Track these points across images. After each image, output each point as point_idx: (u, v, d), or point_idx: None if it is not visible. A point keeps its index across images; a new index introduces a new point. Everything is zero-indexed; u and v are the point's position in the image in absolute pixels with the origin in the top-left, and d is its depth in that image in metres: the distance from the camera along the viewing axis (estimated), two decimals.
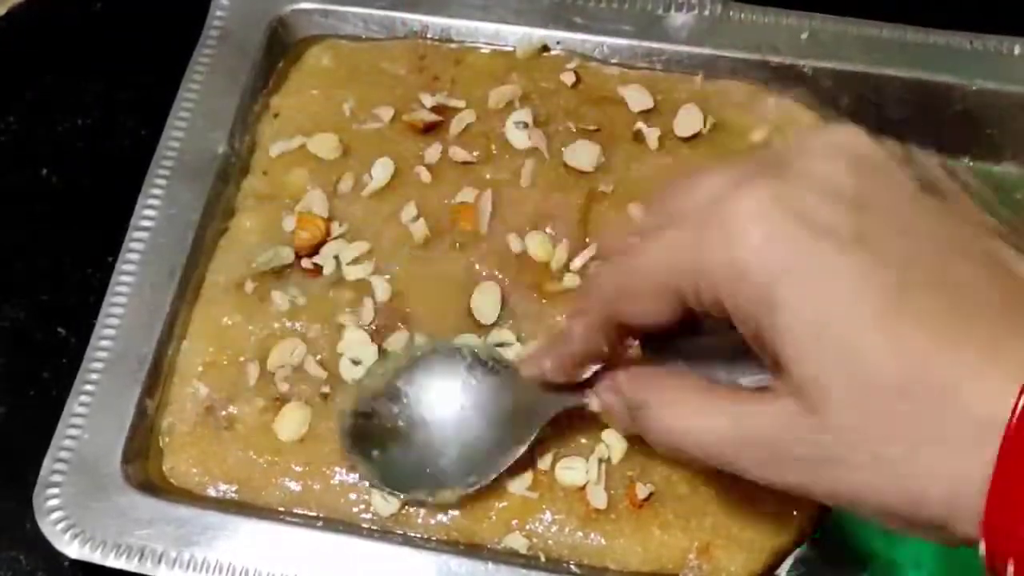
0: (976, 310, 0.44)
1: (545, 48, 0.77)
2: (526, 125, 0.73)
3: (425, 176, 0.72)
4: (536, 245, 0.69)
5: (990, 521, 0.42)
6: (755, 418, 0.49)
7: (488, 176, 0.72)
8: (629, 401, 0.56)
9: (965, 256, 0.46)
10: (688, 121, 0.73)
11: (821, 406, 0.46)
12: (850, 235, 0.46)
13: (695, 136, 0.73)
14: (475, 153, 0.73)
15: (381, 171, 0.72)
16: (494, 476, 0.62)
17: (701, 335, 0.56)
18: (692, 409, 0.52)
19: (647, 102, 0.74)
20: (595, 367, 0.58)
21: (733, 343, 0.51)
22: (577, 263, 0.69)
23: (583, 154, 0.72)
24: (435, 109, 0.74)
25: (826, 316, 0.45)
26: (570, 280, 0.68)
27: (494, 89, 0.75)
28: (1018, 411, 0.41)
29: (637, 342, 0.58)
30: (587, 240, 0.70)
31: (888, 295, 0.45)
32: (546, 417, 0.61)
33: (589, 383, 0.59)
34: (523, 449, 0.62)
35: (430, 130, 0.74)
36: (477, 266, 0.69)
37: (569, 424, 0.64)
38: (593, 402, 0.59)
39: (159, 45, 0.81)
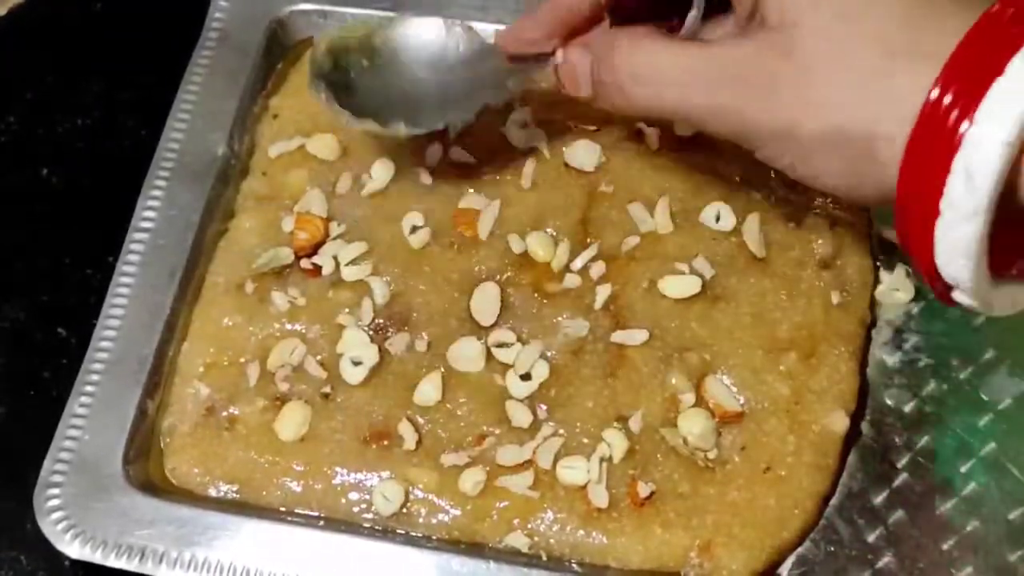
0: None
1: None
2: (526, 124, 0.73)
3: (425, 178, 0.72)
4: (537, 245, 0.69)
5: (910, 148, 0.46)
6: (723, 51, 0.53)
7: (488, 177, 0.72)
8: (595, 49, 0.59)
9: None
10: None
11: (790, 40, 0.50)
12: None
13: (695, 135, 0.73)
14: (475, 154, 0.73)
15: (381, 172, 0.72)
16: (444, 124, 0.68)
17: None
18: (661, 46, 0.55)
19: None
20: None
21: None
22: (578, 263, 0.69)
23: (584, 154, 0.72)
24: None
25: None
26: (571, 280, 0.68)
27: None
28: (958, 51, 0.45)
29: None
30: (588, 240, 0.70)
31: None
32: (512, 81, 0.66)
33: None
34: (478, 108, 0.67)
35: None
36: (477, 267, 0.69)
37: (571, 408, 0.65)
38: (559, 57, 0.62)
39: (159, 45, 0.81)
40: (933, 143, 0.45)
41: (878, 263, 0.70)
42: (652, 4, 0.59)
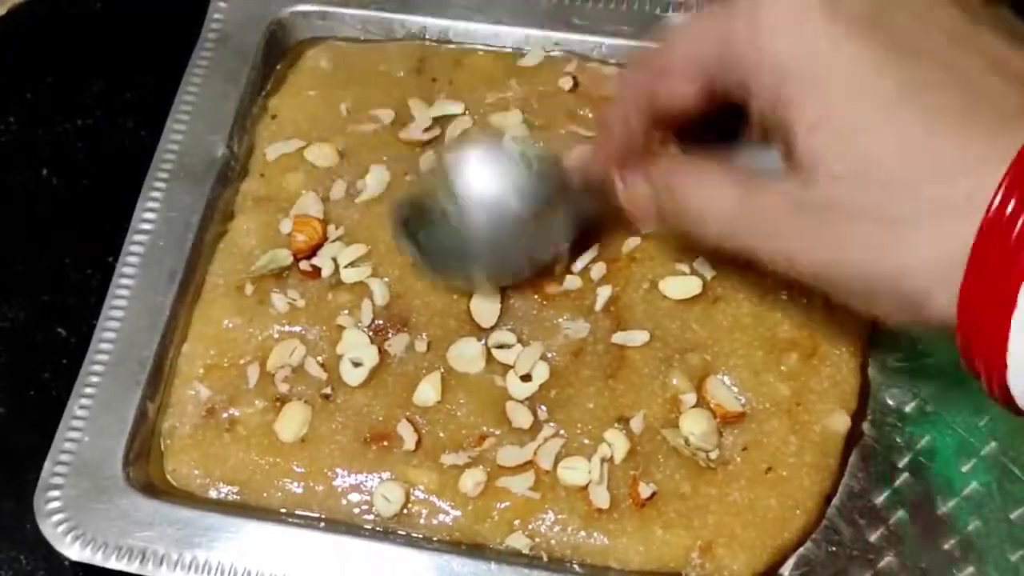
0: (978, 106, 0.47)
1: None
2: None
3: None
4: None
5: (965, 295, 0.45)
6: (763, 190, 0.52)
7: None
8: (656, 184, 0.58)
9: (975, 50, 0.48)
10: None
11: (821, 180, 0.49)
12: (867, 18, 0.49)
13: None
14: None
15: (375, 180, 0.73)
16: (530, 272, 0.67)
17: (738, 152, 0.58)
18: (709, 182, 0.55)
19: None
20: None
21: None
22: (579, 265, 0.69)
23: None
24: (430, 125, 0.74)
25: (836, 97, 0.48)
26: (571, 282, 0.68)
27: (492, 95, 0.75)
28: (1000, 195, 0.44)
29: (675, 149, 0.60)
30: (588, 242, 0.70)
31: (898, 87, 0.47)
32: (583, 214, 0.65)
33: None
34: (559, 249, 0.67)
35: (427, 142, 0.74)
36: None
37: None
38: (620, 188, 0.61)
39: (159, 46, 0.81)
40: (985, 295, 0.45)
41: None
42: (711, 118, 0.58)
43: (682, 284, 0.68)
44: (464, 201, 0.65)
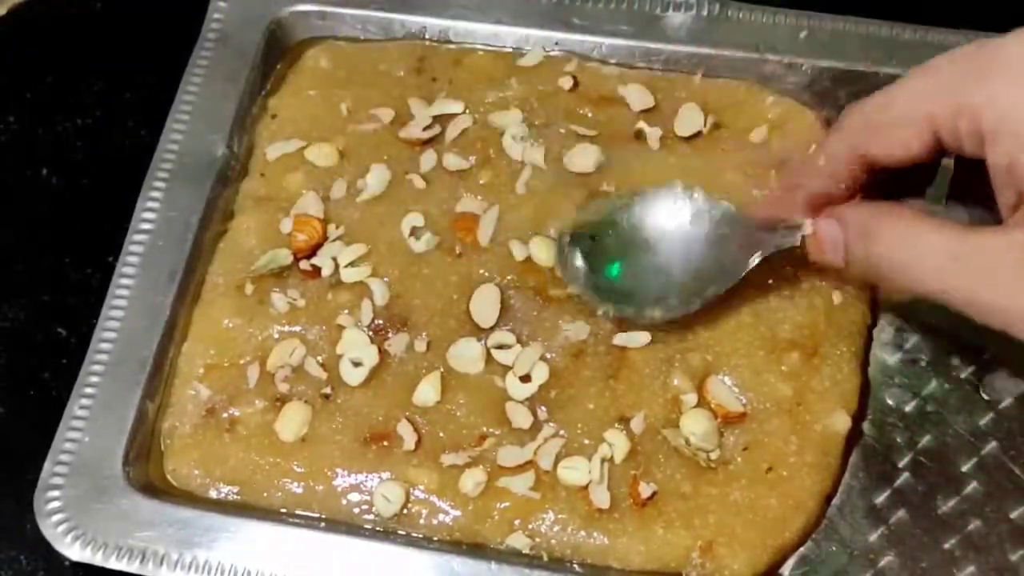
0: None
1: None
2: (523, 138, 0.73)
3: (419, 183, 0.72)
4: (540, 249, 0.69)
5: None
6: (986, 237, 0.53)
7: (484, 181, 0.72)
8: (852, 225, 0.58)
9: None
10: (689, 120, 0.74)
11: None
12: None
13: (695, 135, 0.73)
14: (471, 158, 0.73)
15: (375, 179, 0.73)
16: (700, 305, 0.66)
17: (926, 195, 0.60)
18: (916, 231, 0.55)
19: (648, 101, 0.74)
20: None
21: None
22: None
23: (582, 158, 0.72)
24: (430, 123, 0.75)
25: None
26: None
27: (492, 94, 0.75)
28: None
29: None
30: None
31: None
32: (760, 253, 0.64)
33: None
34: (732, 283, 0.65)
35: (426, 141, 0.74)
36: (479, 270, 0.69)
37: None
38: (808, 227, 0.61)
39: (159, 46, 0.81)
40: None
41: None
42: (903, 177, 0.59)
43: None
44: (631, 234, 0.67)
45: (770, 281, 0.68)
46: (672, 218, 0.66)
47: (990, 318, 0.53)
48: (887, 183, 0.60)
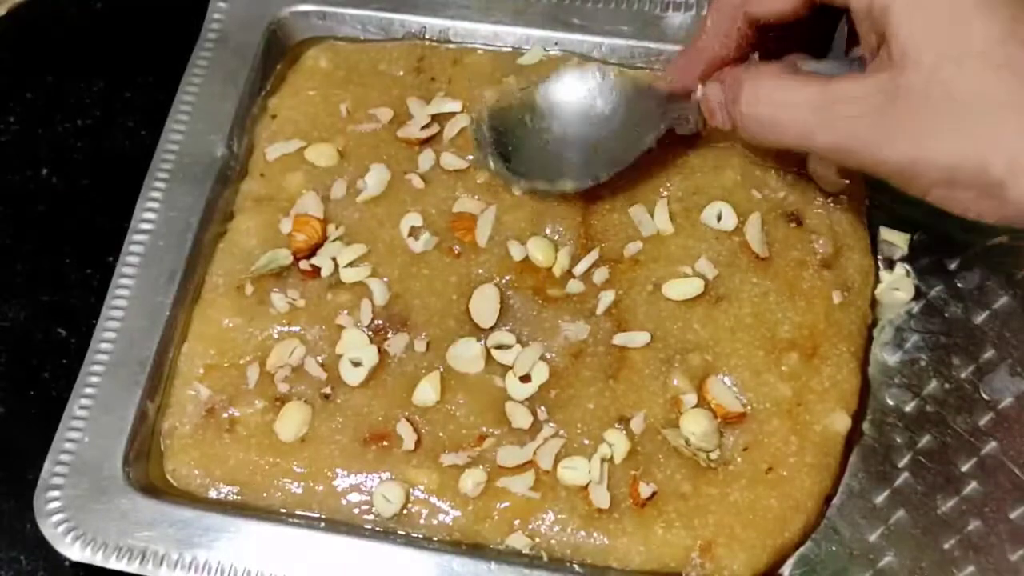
0: None
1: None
2: None
3: (418, 182, 0.72)
4: (537, 250, 0.69)
5: None
6: (845, 85, 0.55)
7: (481, 181, 0.72)
8: (730, 84, 0.61)
9: None
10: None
11: (910, 67, 0.52)
12: None
13: (694, 136, 0.73)
14: (469, 157, 0.73)
15: (375, 179, 0.73)
16: (607, 176, 0.69)
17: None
18: (785, 81, 0.58)
19: None
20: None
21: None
22: (581, 268, 0.69)
23: None
24: (428, 123, 0.74)
25: None
26: (574, 286, 0.68)
27: (490, 93, 0.75)
28: None
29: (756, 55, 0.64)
30: (589, 244, 0.70)
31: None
32: (663, 123, 0.67)
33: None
34: (639, 152, 0.68)
35: (425, 141, 0.74)
36: (477, 270, 0.69)
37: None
38: (698, 91, 0.64)
39: (159, 46, 0.81)
40: None
41: (878, 262, 0.70)
42: (800, 38, 0.62)
43: (684, 286, 0.68)
44: (552, 109, 0.70)
45: (770, 282, 0.68)
46: (579, 92, 0.70)
47: (858, 164, 0.56)
48: (784, 47, 0.62)
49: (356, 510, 0.64)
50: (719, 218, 0.70)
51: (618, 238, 0.70)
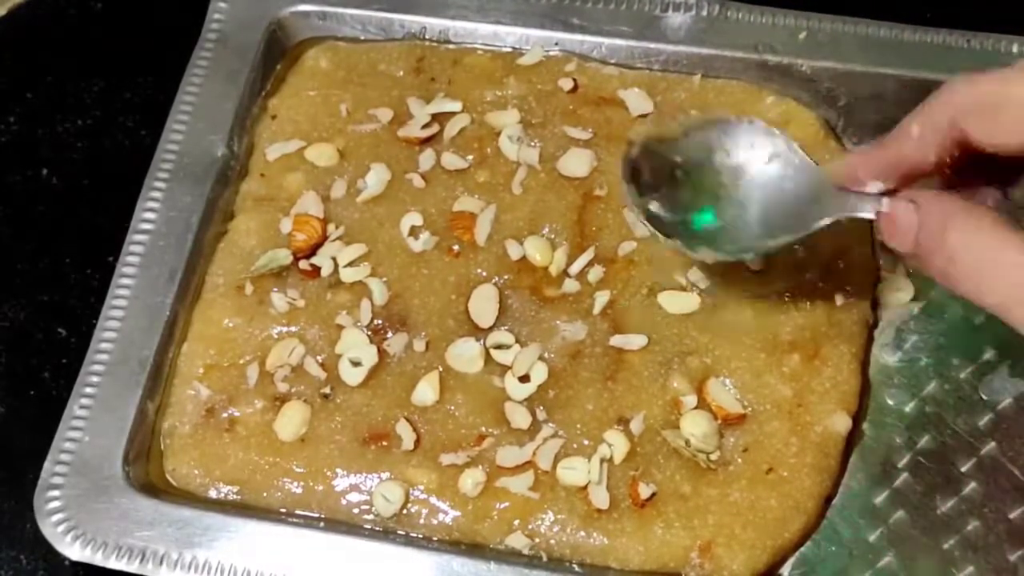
0: None
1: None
2: (519, 139, 0.73)
3: (418, 182, 0.72)
4: (535, 249, 0.69)
5: None
6: None
7: (482, 180, 0.72)
8: (926, 214, 0.54)
9: None
10: None
11: None
12: None
13: None
14: (469, 157, 0.73)
15: (375, 179, 0.73)
16: (756, 255, 0.63)
17: (1007, 195, 0.57)
18: (1005, 239, 0.50)
19: (647, 106, 0.74)
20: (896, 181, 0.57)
21: None
22: (576, 267, 0.69)
23: (576, 163, 0.72)
24: (428, 122, 0.75)
25: None
26: (570, 285, 0.68)
27: (490, 93, 0.75)
28: None
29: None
30: (585, 243, 0.70)
31: None
32: (830, 216, 0.59)
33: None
34: (795, 238, 0.61)
35: (425, 140, 0.74)
36: (476, 270, 0.69)
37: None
38: (885, 205, 0.57)
39: (159, 46, 0.81)
40: None
41: (879, 263, 0.70)
42: (985, 164, 0.55)
43: (680, 300, 0.68)
44: (699, 165, 0.64)
45: (770, 284, 0.68)
46: (752, 156, 0.63)
47: None
48: (975, 170, 0.56)
49: (356, 510, 0.64)
50: None
51: (612, 238, 0.70)
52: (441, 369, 0.67)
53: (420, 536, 0.63)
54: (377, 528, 0.63)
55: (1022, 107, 0.50)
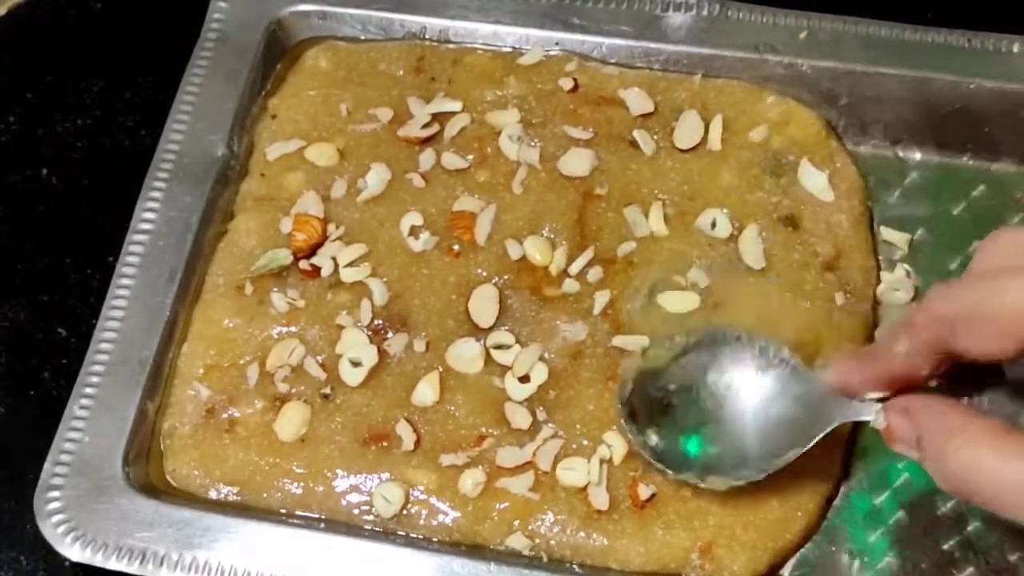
0: None
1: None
2: (519, 139, 0.73)
3: (419, 182, 0.72)
4: (535, 249, 0.69)
5: None
6: None
7: (482, 179, 0.72)
8: (921, 428, 0.53)
9: None
10: (688, 129, 0.74)
11: None
12: None
13: (696, 147, 0.73)
14: (469, 157, 0.73)
15: (375, 179, 0.73)
16: (765, 474, 0.60)
17: (1005, 375, 0.55)
18: (992, 449, 0.49)
19: (647, 106, 0.74)
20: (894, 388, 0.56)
21: None
22: (575, 267, 0.69)
23: (576, 163, 0.72)
24: (428, 121, 0.75)
25: None
26: (569, 286, 0.68)
27: (490, 93, 0.75)
28: None
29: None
30: (585, 243, 0.70)
31: None
32: (829, 425, 0.59)
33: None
34: (799, 452, 0.60)
35: (425, 140, 0.74)
36: (476, 270, 0.69)
37: None
38: (880, 420, 0.56)
39: (158, 46, 0.81)
40: None
41: (879, 263, 0.70)
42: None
43: (680, 299, 0.68)
44: (695, 395, 0.63)
45: (771, 284, 0.68)
46: (741, 376, 0.62)
47: None
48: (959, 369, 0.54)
49: (356, 510, 0.64)
50: (713, 225, 0.70)
51: (612, 238, 0.70)
52: (441, 369, 0.67)
53: (420, 537, 0.63)
54: (377, 529, 0.63)
55: (1002, 319, 0.49)
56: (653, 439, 0.63)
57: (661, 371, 0.64)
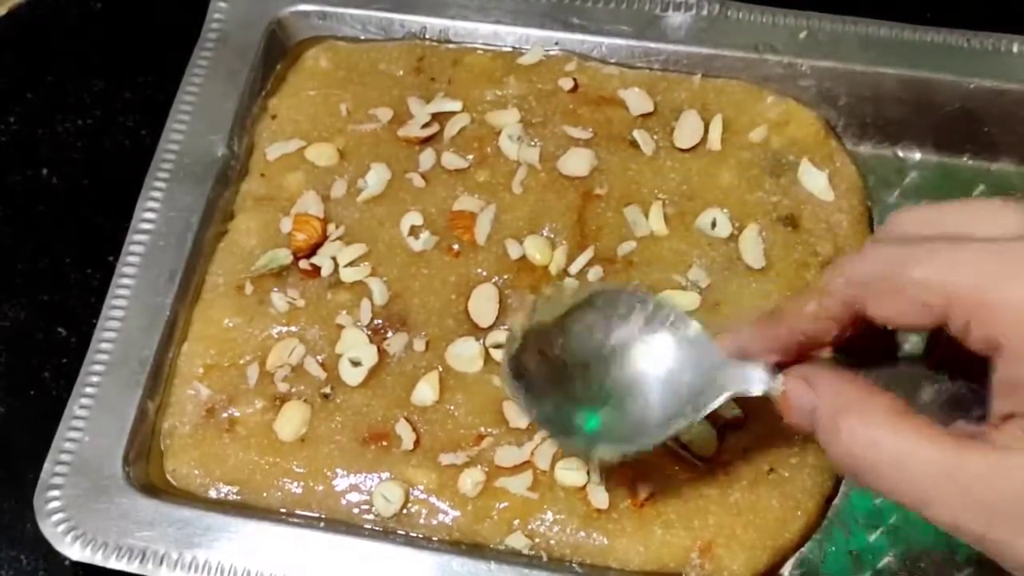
0: None
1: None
2: (519, 139, 0.73)
3: (419, 181, 0.72)
4: (535, 249, 0.69)
5: None
6: (971, 459, 0.45)
7: (482, 179, 0.72)
8: (821, 400, 0.51)
9: None
10: (688, 129, 0.74)
11: None
12: None
13: (696, 146, 0.73)
14: (469, 157, 0.73)
15: (375, 179, 0.73)
16: (657, 443, 0.58)
17: (898, 358, 0.54)
18: (906, 431, 0.47)
19: (647, 106, 0.74)
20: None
21: (952, 388, 0.51)
22: (575, 266, 0.69)
23: (576, 163, 0.72)
24: (428, 121, 0.75)
25: None
26: (569, 284, 0.68)
27: (490, 93, 0.75)
28: None
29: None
30: (585, 243, 0.70)
31: None
32: (723, 394, 0.55)
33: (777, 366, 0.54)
34: (692, 422, 0.57)
35: (425, 140, 0.74)
36: (476, 269, 0.69)
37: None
38: (778, 386, 0.53)
39: (159, 46, 0.81)
40: None
41: None
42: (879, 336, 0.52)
43: (680, 299, 0.68)
44: (584, 357, 0.60)
45: (771, 284, 0.68)
46: (632, 337, 0.59)
47: (977, 543, 0.46)
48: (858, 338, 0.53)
49: (356, 510, 0.64)
50: (713, 225, 0.70)
51: (612, 237, 0.70)
52: (441, 369, 0.67)
53: (420, 536, 0.63)
54: (377, 528, 0.63)
55: (918, 289, 0.47)
56: (548, 406, 0.60)
57: (549, 328, 0.61)
